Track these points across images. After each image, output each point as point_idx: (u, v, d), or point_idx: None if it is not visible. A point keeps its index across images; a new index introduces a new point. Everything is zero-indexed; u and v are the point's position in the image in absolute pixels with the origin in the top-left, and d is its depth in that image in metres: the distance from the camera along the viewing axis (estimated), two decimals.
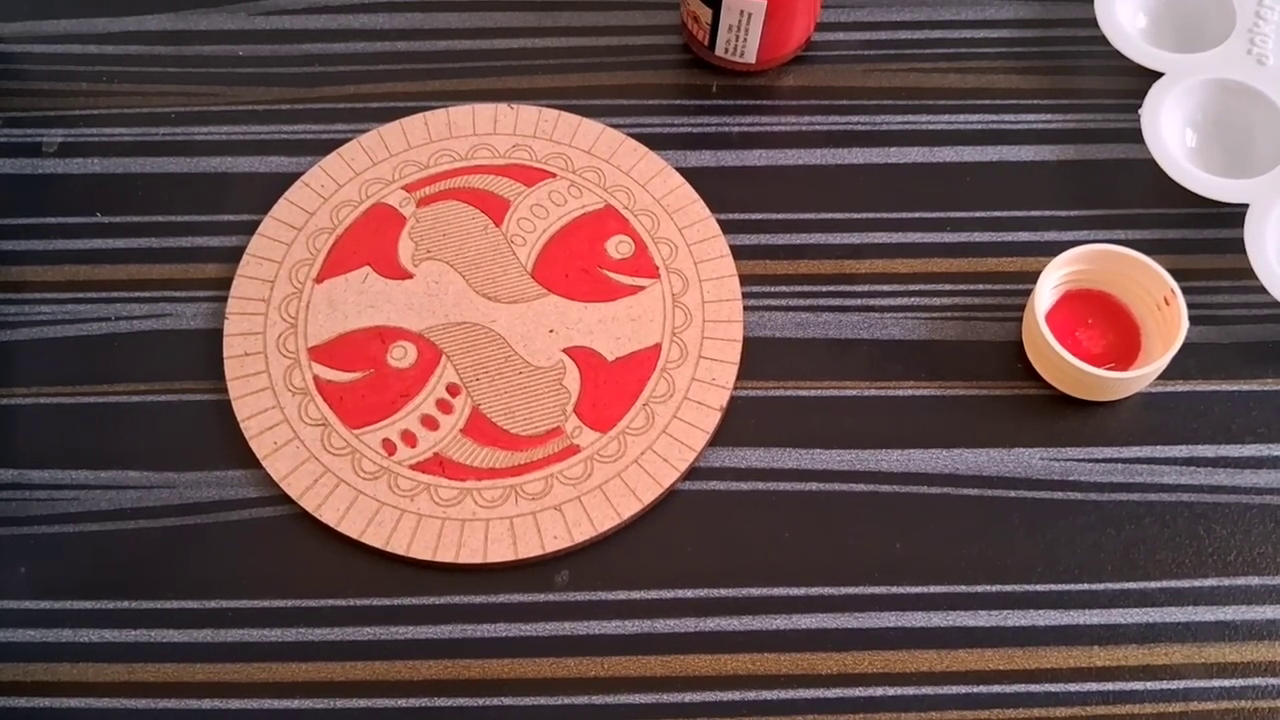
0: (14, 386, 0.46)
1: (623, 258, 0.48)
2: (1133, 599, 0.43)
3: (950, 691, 0.41)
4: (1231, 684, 0.41)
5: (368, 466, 0.44)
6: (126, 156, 0.52)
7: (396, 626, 0.42)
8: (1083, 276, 0.47)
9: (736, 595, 0.43)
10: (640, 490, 0.44)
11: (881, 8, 0.56)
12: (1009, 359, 0.47)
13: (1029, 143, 0.52)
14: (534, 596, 0.43)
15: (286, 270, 0.48)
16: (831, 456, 0.45)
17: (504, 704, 0.41)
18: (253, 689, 0.41)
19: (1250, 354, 0.47)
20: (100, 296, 0.48)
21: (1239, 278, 0.48)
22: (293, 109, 0.53)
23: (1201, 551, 0.43)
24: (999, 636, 0.42)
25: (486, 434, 0.45)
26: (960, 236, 0.50)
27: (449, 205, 0.50)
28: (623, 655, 0.42)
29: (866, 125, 0.52)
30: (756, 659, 0.42)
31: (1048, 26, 0.55)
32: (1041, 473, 0.45)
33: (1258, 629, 0.42)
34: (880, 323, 0.48)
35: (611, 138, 0.51)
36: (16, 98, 0.53)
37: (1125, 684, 0.41)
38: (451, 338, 0.47)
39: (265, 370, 0.46)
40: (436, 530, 0.43)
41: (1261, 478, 0.45)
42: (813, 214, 0.50)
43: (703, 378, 0.46)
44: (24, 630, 0.42)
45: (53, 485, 0.45)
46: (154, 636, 0.42)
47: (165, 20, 0.55)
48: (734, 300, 0.47)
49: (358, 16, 0.55)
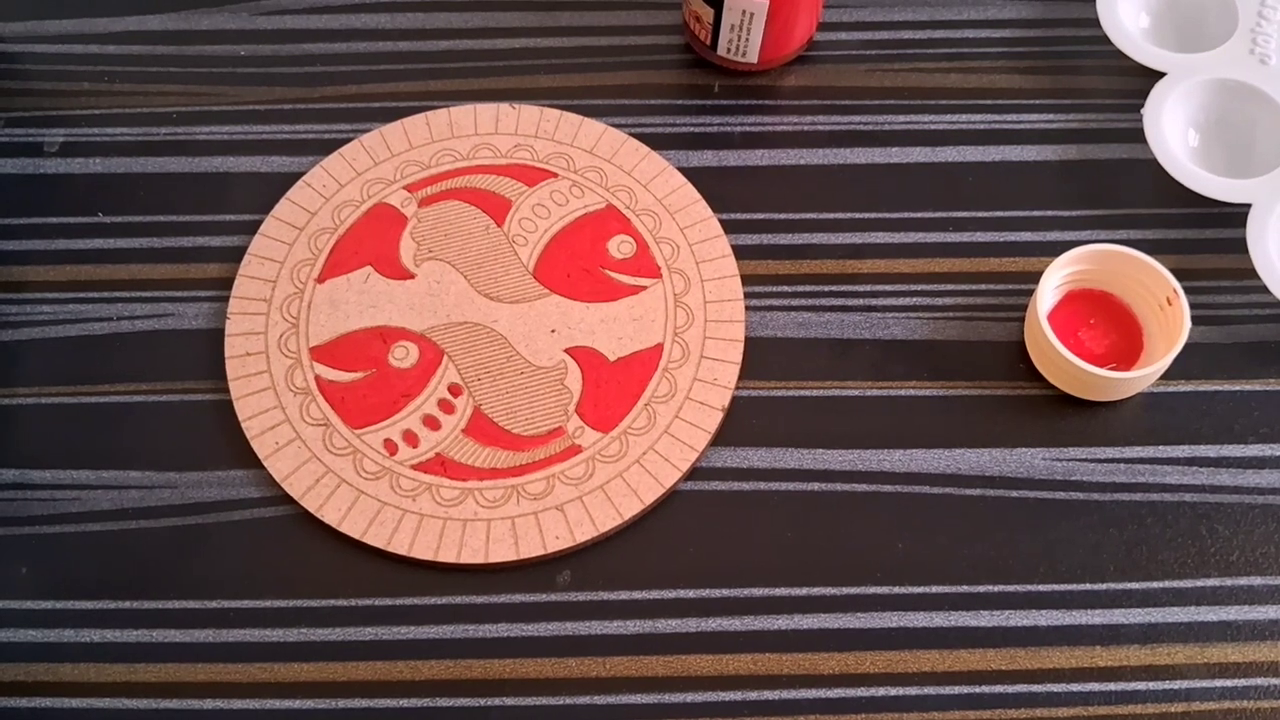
0: (16, 386, 0.46)
1: (624, 258, 0.48)
2: (1135, 599, 0.43)
3: (952, 692, 0.41)
4: (1234, 684, 0.41)
5: (369, 467, 0.44)
6: (128, 156, 0.52)
7: (398, 626, 0.42)
8: (1085, 276, 0.47)
9: (738, 595, 0.43)
10: (642, 490, 0.44)
11: (883, 8, 0.56)
12: (1011, 359, 0.47)
13: (1031, 142, 0.52)
14: (536, 596, 0.43)
15: (288, 270, 0.48)
16: (834, 456, 0.45)
17: (505, 704, 0.41)
18: (254, 689, 0.41)
19: (1253, 354, 0.47)
20: (102, 296, 0.48)
21: (1241, 278, 0.48)
22: (294, 109, 0.53)
23: (1204, 552, 0.43)
24: (1001, 637, 0.42)
25: (488, 434, 0.45)
26: (962, 236, 0.50)
27: (451, 205, 0.50)
28: (624, 655, 0.42)
29: (868, 125, 0.52)
30: (758, 659, 0.42)
31: (1050, 26, 0.55)
32: (1044, 473, 0.45)
33: (1260, 629, 0.42)
34: (882, 323, 0.48)
35: (613, 137, 0.51)
36: (18, 97, 0.53)
37: (1128, 684, 0.41)
38: (453, 338, 0.47)
39: (267, 370, 0.46)
40: (438, 530, 0.43)
41: (1264, 478, 0.45)
42: (815, 214, 0.50)
43: (705, 377, 0.46)
44: (25, 630, 0.42)
45: (54, 485, 0.45)
46: (155, 636, 0.42)
47: (167, 20, 0.55)
48: (736, 300, 0.47)
49: (359, 16, 0.55)
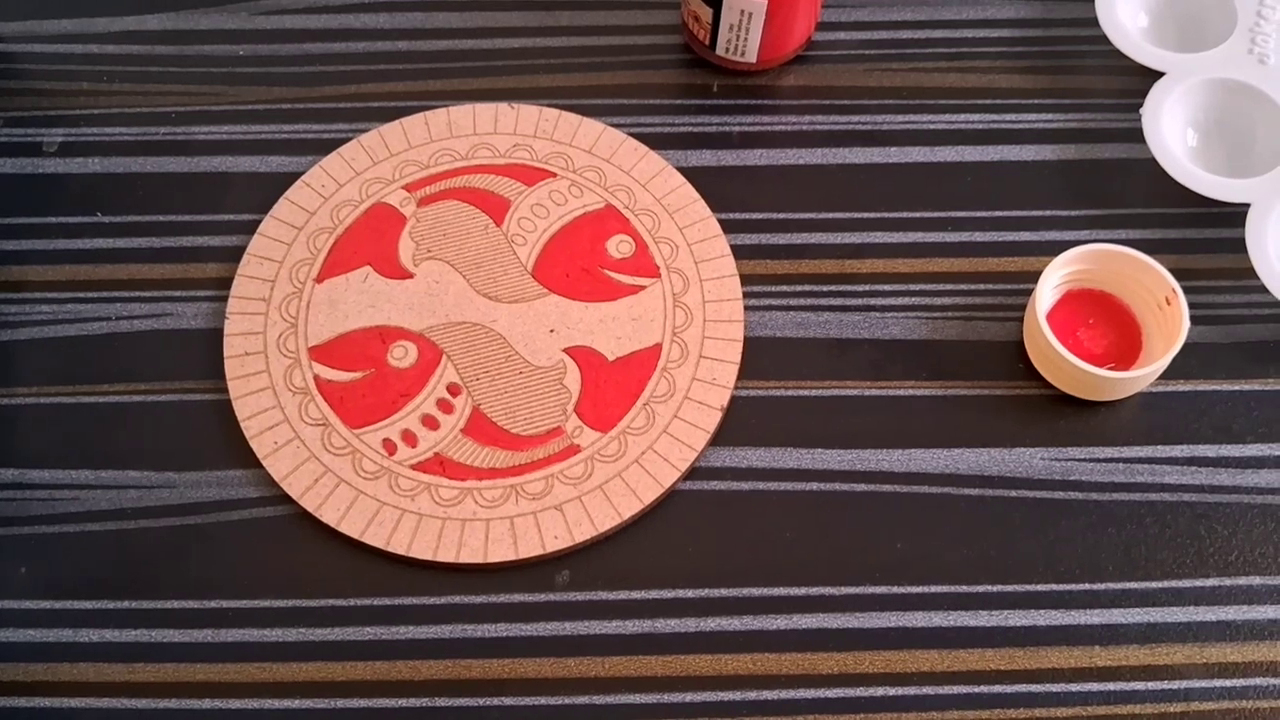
0: (14, 386, 0.46)
1: (623, 257, 0.48)
2: (1134, 599, 0.43)
3: (951, 691, 0.41)
4: (1233, 684, 0.41)
5: (368, 466, 0.44)
6: (127, 156, 0.52)
7: (397, 626, 0.42)
8: (1084, 276, 0.47)
9: (737, 595, 0.43)
10: (641, 490, 0.44)
11: (882, 7, 0.56)
12: (1010, 359, 0.47)
13: (1030, 142, 0.52)
14: (534, 596, 0.43)
15: (287, 270, 0.48)
16: (832, 456, 0.45)
17: (504, 704, 0.41)
18: (253, 689, 0.41)
19: (1251, 353, 0.47)
20: (101, 296, 0.48)
21: (1240, 277, 0.48)
22: (293, 108, 0.53)
23: (1203, 551, 0.43)
24: (1000, 636, 0.42)
25: (487, 434, 0.45)
26: (961, 236, 0.50)
27: (449, 205, 0.50)
28: (623, 655, 0.42)
29: (867, 125, 0.52)
30: (757, 659, 0.42)
31: (1049, 26, 0.55)
32: (1043, 472, 0.45)
33: (1259, 629, 0.42)
34: (881, 322, 0.48)
35: (612, 137, 0.51)
36: (17, 97, 0.53)
37: (1126, 684, 0.41)
38: (452, 337, 0.47)
39: (266, 370, 0.46)
40: (437, 530, 0.43)
41: (1263, 477, 0.45)
42: (814, 213, 0.50)
43: (703, 377, 0.46)
44: (24, 630, 0.42)
45: (53, 485, 0.45)
46: (154, 636, 0.42)
47: (166, 20, 0.55)
48: (735, 300, 0.47)
49: (358, 16, 0.55)
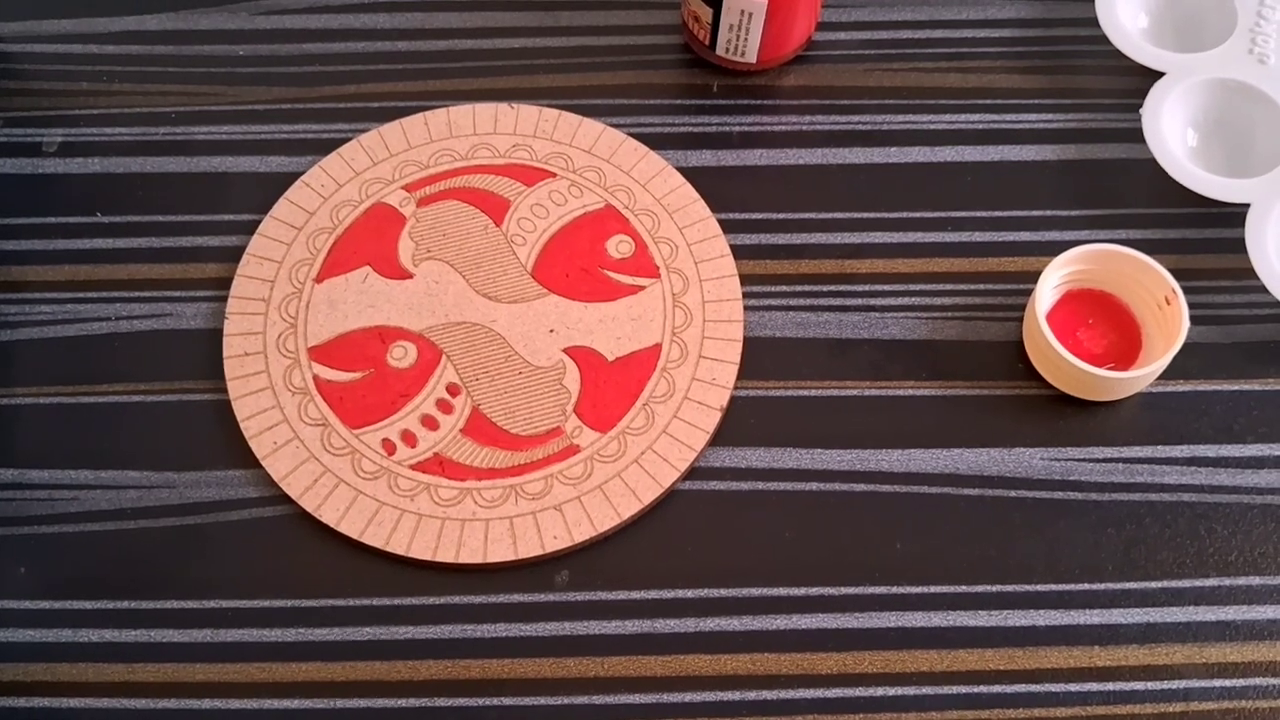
0: (14, 386, 0.46)
1: (623, 257, 0.48)
2: (1133, 599, 0.43)
3: (951, 691, 0.41)
4: (1232, 684, 0.41)
5: (367, 466, 0.44)
6: (127, 156, 0.52)
7: (396, 626, 0.42)
8: (1083, 276, 0.47)
9: (737, 595, 0.43)
10: (640, 490, 0.44)
11: (882, 7, 0.56)
12: (1010, 359, 0.47)
13: (1030, 142, 0.52)
14: (534, 596, 0.43)
15: (286, 270, 0.48)
16: (832, 456, 0.45)
17: (504, 704, 0.41)
18: (252, 689, 0.41)
19: (1251, 353, 0.47)
20: (100, 296, 0.48)
21: (1240, 277, 0.48)
22: (293, 108, 0.53)
23: (1202, 551, 0.43)
24: (999, 636, 0.42)
25: (486, 434, 0.45)
26: (961, 236, 0.49)
27: (449, 205, 0.50)
28: (623, 655, 0.42)
29: (867, 125, 0.52)
30: (757, 659, 0.42)
31: (1049, 26, 0.55)
32: (1042, 473, 0.45)
33: (1259, 629, 0.42)
34: (881, 322, 0.48)
35: (612, 137, 0.51)
36: (17, 97, 0.53)
37: (1126, 684, 0.41)
38: (451, 337, 0.47)
39: (265, 370, 0.46)
40: (436, 530, 0.43)
41: (1263, 478, 0.45)
42: (813, 214, 0.50)
43: (703, 377, 0.46)
44: (24, 630, 0.42)
45: (53, 485, 0.45)
46: (154, 636, 0.42)
47: (165, 20, 0.55)
48: (734, 300, 0.47)
49: (358, 16, 0.55)
